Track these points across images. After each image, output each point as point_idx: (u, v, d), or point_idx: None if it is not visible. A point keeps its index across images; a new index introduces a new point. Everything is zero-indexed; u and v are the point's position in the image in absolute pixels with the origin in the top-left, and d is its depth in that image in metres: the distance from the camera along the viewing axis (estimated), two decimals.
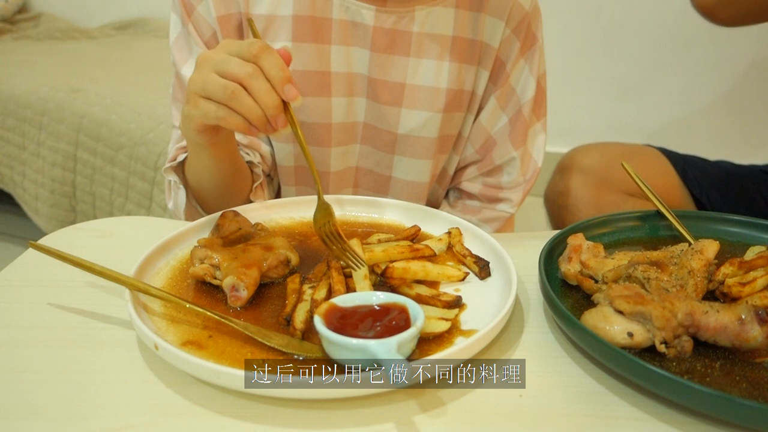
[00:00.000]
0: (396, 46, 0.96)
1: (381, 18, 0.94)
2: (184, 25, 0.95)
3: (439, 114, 1.00)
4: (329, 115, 0.98)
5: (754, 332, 0.60)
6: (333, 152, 1.01)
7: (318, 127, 0.99)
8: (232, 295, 0.68)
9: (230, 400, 0.58)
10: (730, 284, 0.69)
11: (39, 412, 0.56)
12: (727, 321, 0.61)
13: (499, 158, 1.06)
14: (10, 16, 3.09)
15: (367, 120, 1.01)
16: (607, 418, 0.57)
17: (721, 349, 0.63)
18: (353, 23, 0.94)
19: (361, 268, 0.70)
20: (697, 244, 0.73)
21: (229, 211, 0.82)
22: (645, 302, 0.62)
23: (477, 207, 1.10)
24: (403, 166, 1.04)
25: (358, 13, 0.93)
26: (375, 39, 0.95)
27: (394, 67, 0.97)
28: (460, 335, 0.64)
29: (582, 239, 0.76)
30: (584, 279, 0.72)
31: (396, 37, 0.95)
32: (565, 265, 0.73)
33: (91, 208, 2.12)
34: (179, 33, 0.96)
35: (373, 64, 0.96)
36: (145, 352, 0.64)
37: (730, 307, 0.62)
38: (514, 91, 1.03)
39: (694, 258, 0.70)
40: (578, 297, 0.72)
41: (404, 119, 0.99)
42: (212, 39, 0.94)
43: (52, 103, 2.15)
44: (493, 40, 1.00)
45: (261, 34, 0.94)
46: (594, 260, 0.72)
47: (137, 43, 2.88)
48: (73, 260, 0.69)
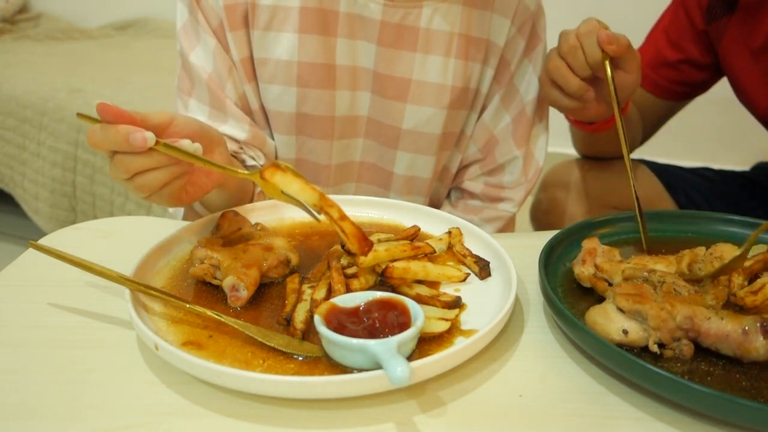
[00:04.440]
0: (403, 42, 0.96)
1: (388, 12, 0.94)
2: (191, 13, 0.95)
3: (443, 111, 1.00)
4: (332, 108, 0.98)
5: (757, 344, 0.59)
6: (335, 145, 1.01)
7: (321, 120, 0.99)
8: (232, 295, 0.68)
9: (230, 400, 0.58)
10: (741, 295, 0.66)
11: (39, 412, 0.56)
12: (730, 329, 0.60)
13: (501, 157, 1.06)
14: (10, 16, 3.09)
15: (371, 114, 1.01)
16: (607, 418, 0.57)
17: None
18: (360, 17, 0.94)
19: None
20: (716, 249, 0.71)
21: (229, 211, 0.82)
22: (644, 301, 0.62)
23: (478, 206, 1.10)
24: (405, 162, 1.04)
25: (365, 6, 0.94)
26: (382, 33, 0.95)
27: (401, 62, 0.97)
28: (460, 335, 0.64)
29: (596, 243, 0.75)
30: (598, 281, 0.71)
31: (403, 32, 0.95)
32: (579, 268, 0.73)
33: (91, 208, 2.12)
34: (186, 20, 0.96)
35: (379, 58, 0.96)
36: (145, 352, 0.64)
37: (736, 316, 0.61)
38: (518, 91, 1.04)
39: (714, 264, 0.69)
40: (578, 297, 0.72)
41: (409, 115, 0.99)
42: (219, 28, 0.94)
43: (52, 103, 2.15)
44: (499, 39, 1.00)
45: (266, 24, 0.94)
46: (609, 264, 0.72)
47: (137, 43, 2.88)
48: (73, 260, 0.69)
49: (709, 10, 1.15)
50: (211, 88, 0.94)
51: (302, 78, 0.95)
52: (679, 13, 1.21)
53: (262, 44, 0.95)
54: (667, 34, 1.23)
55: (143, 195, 0.71)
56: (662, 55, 1.23)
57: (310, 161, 1.03)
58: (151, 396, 0.58)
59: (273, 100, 0.98)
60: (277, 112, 0.99)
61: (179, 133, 0.70)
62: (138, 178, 0.68)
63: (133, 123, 0.65)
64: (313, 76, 0.96)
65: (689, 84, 1.26)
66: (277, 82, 0.96)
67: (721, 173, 1.39)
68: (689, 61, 1.22)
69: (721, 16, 1.14)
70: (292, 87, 0.96)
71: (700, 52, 1.20)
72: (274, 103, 0.98)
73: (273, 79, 0.96)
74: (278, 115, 0.99)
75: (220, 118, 0.95)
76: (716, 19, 1.14)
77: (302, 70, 0.95)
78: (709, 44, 1.19)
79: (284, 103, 0.97)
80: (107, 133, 0.64)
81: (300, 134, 1.00)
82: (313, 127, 0.99)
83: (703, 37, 1.19)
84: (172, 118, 0.70)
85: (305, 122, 0.99)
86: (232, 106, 0.95)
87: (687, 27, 1.20)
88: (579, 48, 0.88)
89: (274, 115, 0.99)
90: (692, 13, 1.18)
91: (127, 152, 0.66)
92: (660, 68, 1.24)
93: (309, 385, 0.55)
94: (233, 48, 0.94)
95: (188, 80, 0.97)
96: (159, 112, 0.69)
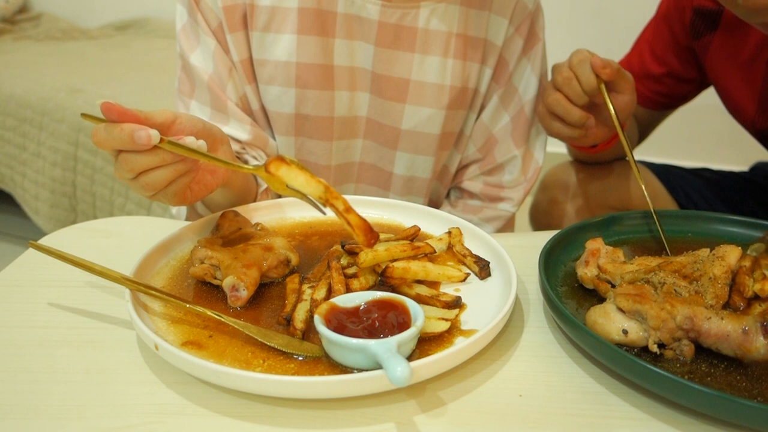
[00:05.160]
0: (401, 42, 0.96)
1: (386, 13, 0.94)
2: (191, 15, 0.95)
3: (442, 111, 1.00)
4: (332, 109, 0.98)
5: (757, 344, 0.59)
6: (334, 146, 1.01)
7: (320, 120, 0.99)
8: (232, 295, 0.68)
9: (230, 400, 0.58)
10: (757, 289, 0.67)
11: (39, 411, 0.56)
12: (730, 329, 0.60)
13: (500, 157, 1.06)
14: (11, 16, 3.10)
15: (370, 115, 1.01)
16: (607, 418, 0.57)
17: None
18: (358, 17, 0.94)
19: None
20: (719, 249, 0.71)
21: (229, 211, 0.82)
22: (644, 301, 0.62)
23: (478, 206, 1.10)
24: (404, 162, 1.04)
25: (363, 7, 0.94)
26: (379, 34, 0.95)
27: (399, 62, 0.97)
28: (460, 335, 0.64)
29: (600, 243, 0.75)
30: (600, 283, 0.71)
31: (401, 33, 0.95)
32: (582, 269, 0.73)
33: (91, 208, 2.12)
34: (186, 22, 0.96)
35: (377, 59, 0.97)
36: (145, 352, 0.64)
37: (736, 316, 0.61)
38: (517, 90, 1.04)
39: (715, 264, 0.69)
40: (578, 297, 0.72)
41: (408, 115, 1.00)
42: (219, 29, 0.94)
43: (52, 103, 2.15)
44: (497, 39, 1.00)
45: (265, 25, 0.94)
46: (612, 265, 0.71)
47: (137, 43, 2.88)
48: (73, 260, 0.69)
49: (693, 26, 1.16)
50: (212, 89, 0.94)
51: (301, 79, 0.95)
52: (661, 27, 1.22)
53: (260, 45, 0.95)
54: (651, 47, 1.24)
55: (148, 194, 0.71)
56: (647, 68, 1.25)
57: (309, 162, 1.03)
58: (151, 396, 0.58)
59: (272, 101, 0.98)
60: (276, 113, 0.99)
61: (183, 131, 0.70)
62: (143, 177, 0.68)
63: (137, 122, 0.65)
64: (311, 76, 0.96)
65: (673, 96, 1.27)
66: (276, 83, 0.96)
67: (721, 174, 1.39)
68: (673, 74, 1.23)
69: (704, 32, 1.15)
70: (291, 88, 0.96)
71: (684, 66, 1.22)
72: (273, 104, 0.98)
73: (272, 80, 0.96)
74: (277, 117, 0.99)
75: (221, 120, 0.95)
76: (700, 36, 1.15)
77: (301, 70, 0.95)
78: (693, 58, 1.20)
79: (283, 104, 0.97)
80: (112, 132, 0.64)
81: (299, 135, 1.00)
82: (312, 128, 0.99)
83: (687, 52, 1.20)
84: (176, 116, 0.70)
85: (304, 123, 0.99)
86: (233, 107, 0.95)
87: (670, 42, 1.21)
88: (573, 78, 0.91)
89: (274, 116, 0.99)
90: (675, 29, 1.19)
91: (132, 151, 0.66)
92: (645, 80, 1.25)
93: (309, 385, 0.55)
94: (233, 49, 0.94)
95: (189, 82, 0.97)
96: (162, 111, 0.69)
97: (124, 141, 0.64)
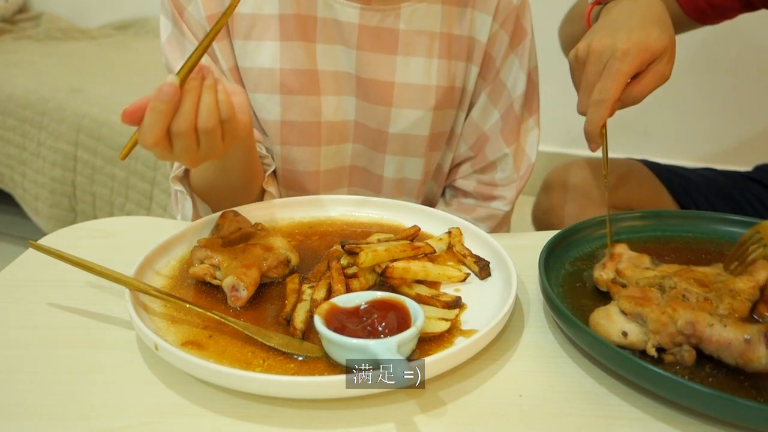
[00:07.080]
0: (383, 45, 0.95)
1: (366, 16, 0.93)
2: (176, 26, 0.94)
3: (430, 112, 0.99)
4: (319, 114, 0.97)
5: (759, 353, 0.58)
6: (323, 151, 1.01)
7: (307, 126, 0.98)
8: (232, 295, 0.68)
9: (230, 400, 0.58)
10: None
11: (39, 412, 0.56)
12: (732, 337, 0.59)
13: (492, 155, 1.06)
14: (10, 16, 3.09)
15: (358, 119, 1.00)
16: (607, 418, 0.57)
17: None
18: (337, 22, 0.94)
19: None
20: (752, 266, 0.69)
21: (229, 211, 0.82)
22: (646, 304, 0.62)
23: (471, 205, 1.10)
24: (394, 165, 1.04)
25: (342, 11, 0.93)
26: (360, 38, 0.94)
27: (382, 65, 0.96)
28: (460, 335, 0.64)
29: (624, 249, 0.75)
30: (613, 286, 0.70)
31: (382, 36, 0.95)
32: (599, 272, 0.72)
33: (91, 208, 2.12)
34: (170, 33, 0.95)
35: (359, 63, 0.96)
36: (145, 352, 0.64)
37: (740, 324, 0.60)
38: (505, 87, 1.03)
39: (742, 279, 0.67)
40: (578, 297, 0.72)
41: (395, 118, 0.99)
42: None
43: (52, 103, 2.15)
44: (481, 35, 0.99)
45: (246, 33, 0.93)
46: (632, 270, 0.70)
47: (137, 43, 2.88)
48: (73, 260, 0.69)
49: None
50: None
51: (285, 85, 0.94)
52: None
53: (243, 53, 0.94)
54: None
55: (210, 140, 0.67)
56: None
57: (296, 170, 1.01)
58: (151, 396, 0.58)
59: (258, 109, 0.97)
60: (262, 120, 0.98)
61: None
62: (199, 121, 0.65)
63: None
64: (296, 82, 0.95)
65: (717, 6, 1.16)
66: (261, 90, 0.95)
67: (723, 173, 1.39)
68: None
69: None
70: (275, 95, 0.95)
71: None
72: (259, 111, 0.97)
73: (257, 87, 0.95)
74: (263, 124, 0.99)
75: None
76: None
77: (285, 77, 0.94)
78: None
79: (268, 111, 0.96)
80: (147, 124, 0.62)
81: (285, 144, 0.99)
82: (299, 135, 0.98)
83: None
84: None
85: (291, 130, 0.98)
86: None
87: None
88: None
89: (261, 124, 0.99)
90: None
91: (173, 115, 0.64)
92: None
93: (309, 385, 0.55)
94: (221, 58, 0.94)
95: None
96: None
97: (161, 111, 0.62)
